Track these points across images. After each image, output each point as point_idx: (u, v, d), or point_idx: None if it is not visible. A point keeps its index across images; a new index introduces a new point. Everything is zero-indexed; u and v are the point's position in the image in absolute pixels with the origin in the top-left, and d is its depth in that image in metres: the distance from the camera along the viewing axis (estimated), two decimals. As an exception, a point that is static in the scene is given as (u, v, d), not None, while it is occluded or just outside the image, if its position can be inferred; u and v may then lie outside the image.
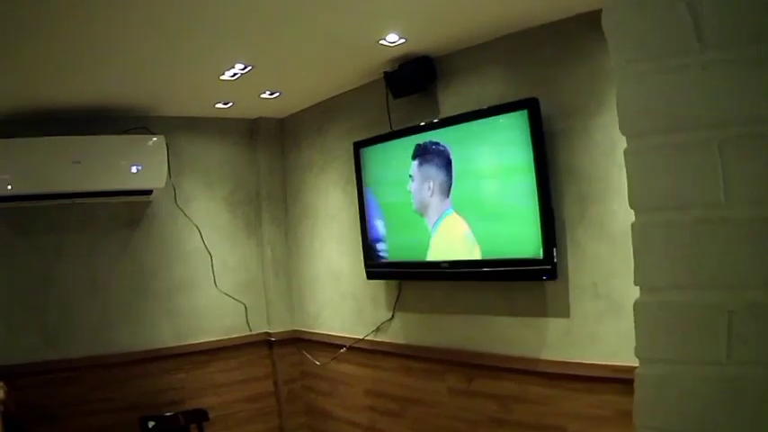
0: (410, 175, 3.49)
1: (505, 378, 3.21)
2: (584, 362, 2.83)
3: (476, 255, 3.14)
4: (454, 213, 3.27)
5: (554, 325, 2.99)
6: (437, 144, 3.31)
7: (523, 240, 2.96)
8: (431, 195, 3.39)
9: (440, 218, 3.37)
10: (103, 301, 4.31)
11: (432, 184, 3.40)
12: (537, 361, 3.04)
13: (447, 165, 3.28)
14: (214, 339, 4.52)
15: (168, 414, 3.94)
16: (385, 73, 3.57)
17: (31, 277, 4.21)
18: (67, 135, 4.09)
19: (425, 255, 3.45)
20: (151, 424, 3.86)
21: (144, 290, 4.40)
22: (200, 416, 3.98)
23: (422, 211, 3.45)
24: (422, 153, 3.41)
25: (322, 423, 4.62)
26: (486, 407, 3.32)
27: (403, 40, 3.19)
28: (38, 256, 4.21)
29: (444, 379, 3.58)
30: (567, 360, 2.91)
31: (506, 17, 2.99)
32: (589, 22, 2.70)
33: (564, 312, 2.94)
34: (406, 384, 3.88)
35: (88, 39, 2.90)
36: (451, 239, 3.32)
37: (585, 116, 2.81)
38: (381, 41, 3.20)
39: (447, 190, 3.31)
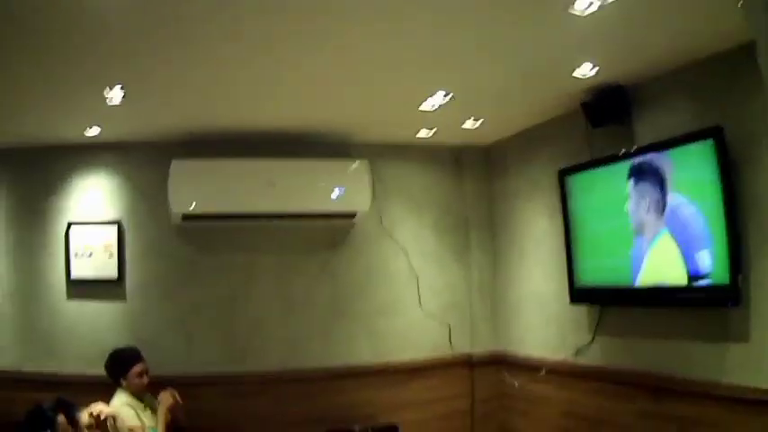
0: (626, 195, 3.86)
1: (686, 401, 3.53)
2: (761, 387, 3.11)
3: (682, 279, 3.49)
4: (666, 234, 3.62)
5: (734, 349, 3.29)
6: (650, 163, 3.70)
7: (712, 266, 3.34)
8: (647, 212, 3.74)
9: (654, 237, 3.70)
10: (299, 319, 5.02)
11: (648, 201, 3.73)
12: (717, 385, 3.34)
13: (661, 183, 3.65)
14: (415, 358, 5.11)
15: (357, 428, 4.50)
16: (582, 104, 4.00)
17: (218, 294, 4.97)
18: (263, 158, 4.77)
19: (631, 279, 3.83)
20: None
21: (344, 310, 5.07)
22: (390, 431, 4.50)
23: (639, 230, 3.80)
24: (637, 172, 3.79)
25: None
26: (667, 429, 3.65)
27: (595, 70, 3.57)
28: (227, 274, 4.98)
29: (634, 401, 3.89)
30: (746, 385, 3.18)
31: (694, 44, 3.26)
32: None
33: (744, 337, 3.25)
34: (599, 406, 4.20)
35: (288, 64, 3.43)
36: (662, 262, 3.65)
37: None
38: (575, 74, 3.60)
39: (662, 208, 3.65)
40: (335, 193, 4.80)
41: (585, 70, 3.61)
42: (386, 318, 5.16)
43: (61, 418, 3.33)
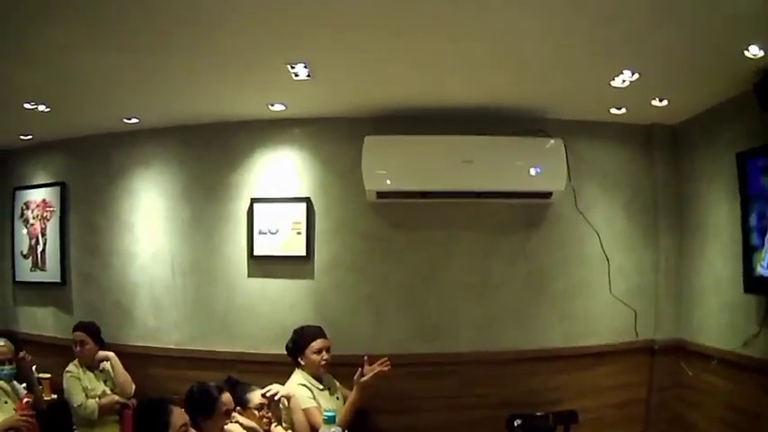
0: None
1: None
2: None
3: None
4: None
5: None
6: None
7: None
8: None
9: None
10: (493, 299, 4.96)
11: None
12: None
13: None
14: (602, 343, 5.05)
15: (539, 414, 4.40)
16: (754, 85, 3.93)
17: (409, 272, 4.94)
18: (455, 135, 4.69)
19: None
20: (518, 422, 4.32)
21: (539, 291, 4.99)
22: (570, 417, 4.40)
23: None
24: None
25: (682, 433, 4.84)
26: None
27: (762, 53, 3.54)
28: (421, 252, 4.95)
29: None
30: None
31: None
32: None
33: None
34: (758, 401, 4.16)
35: (485, 36, 3.46)
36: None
37: None
38: (744, 52, 3.55)
39: None
40: (533, 172, 4.73)
41: (755, 51, 3.58)
42: (577, 301, 5.08)
43: (226, 397, 3.39)
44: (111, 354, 4.75)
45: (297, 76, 3.96)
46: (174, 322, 5.25)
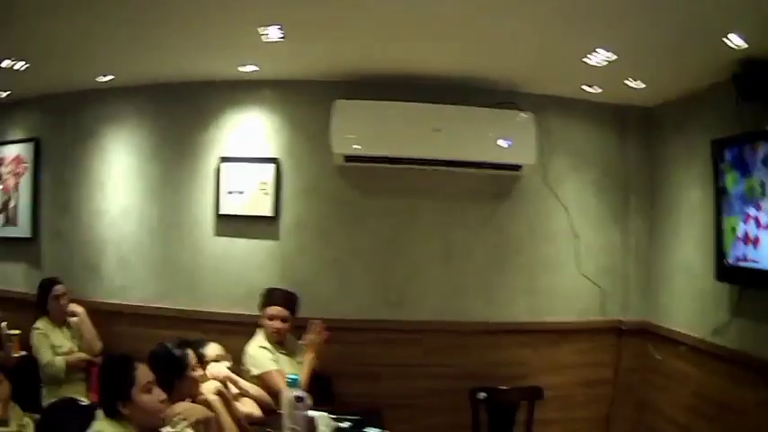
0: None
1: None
2: None
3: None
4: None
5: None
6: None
7: None
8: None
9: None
10: (458, 269, 5.00)
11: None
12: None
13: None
14: (568, 321, 5.09)
15: (502, 388, 4.42)
16: (733, 75, 3.94)
17: (377, 239, 4.98)
18: (430, 103, 4.70)
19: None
20: (482, 395, 4.34)
21: (505, 263, 5.02)
22: (535, 394, 4.42)
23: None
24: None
25: (648, 417, 5.01)
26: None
27: (744, 45, 3.56)
28: (387, 219, 4.99)
29: (757, 391, 3.87)
30: None
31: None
32: None
33: None
34: (724, 389, 4.19)
35: (454, 10, 3.49)
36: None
37: None
38: (724, 39, 3.54)
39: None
40: (503, 144, 4.76)
41: (737, 40, 3.59)
42: (544, 276, 5.12)
43: (190, 352, 3.35)
44: (80, 309, 4.77)
45: (268, 36, 3.98)
46: (140, 280, 5.29)
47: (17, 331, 5.12)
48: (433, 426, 4.88)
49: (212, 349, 3.86)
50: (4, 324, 4.74)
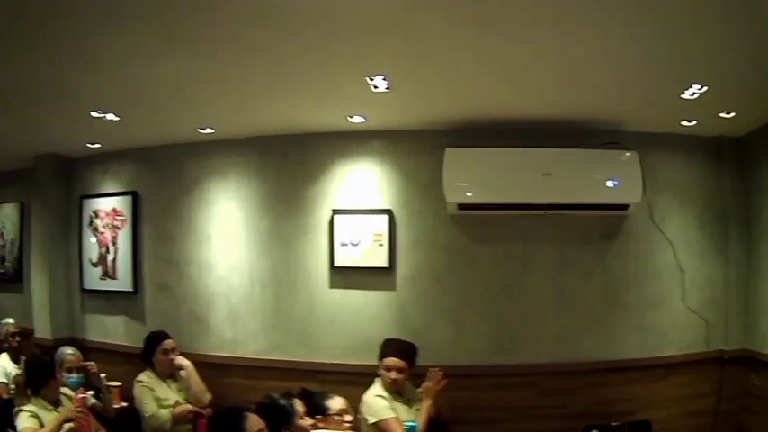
0: None
1: None
2: None
3: None
4: None
5: None
6: None
7: None
8: None
9: None
10: (570, 311, 5.10)
11: None
12: None
13: None
14: (674, 354, 5.18)
15: (614, 424, 4.45)
16: None
17: (490, 285, 5.08)
18: (533, 147, 4.80)
19: None
20: None
21: (614, 302, 5.11)
22: (644, 428, 4.47)
23: None
24: None
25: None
26: None
27: None
28: (500, 264, 5.08)
29: None
30: None
31: None
32: None
33: None
34: None
35: (565, 51, 3.61)
36: None
37: None
38: None
39: None
40: (610, 184, 4.85)
41: None
42: (652, 312, 5.21)
43: (297, 402, 3.47)
44: (187, 362, 4.83)
45: (375, 88, 4.09)
46: (251, 332, 5.40)
47: (117, 383, 5.18)
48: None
49: (336, 402, 3.92)
50: (103, 375, 4.79)
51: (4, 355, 5.55)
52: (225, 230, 5.50)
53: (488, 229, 5.11)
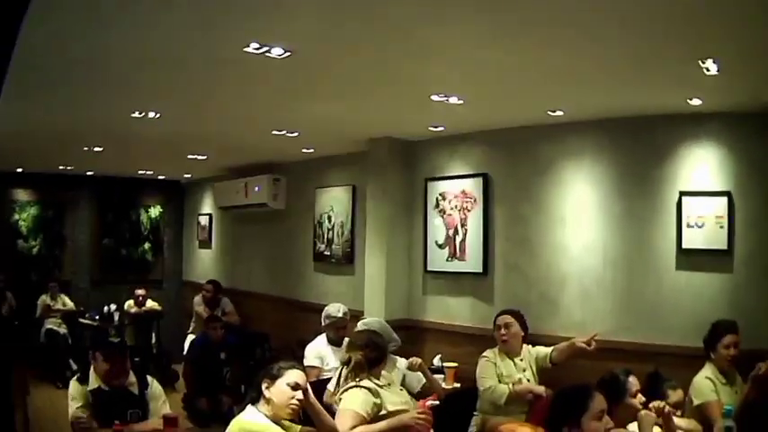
0: None
1: None
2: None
3: None
4: None
5: None
6: None
7: None
8: None
9: None
10: None
11: None
12: None
13: None
14: None
15: None
16: None
17: None
18: None
19: None
20: None
21: None
22: None
23: None
24: None
25: None
26: None
27: None
28: None
29: None
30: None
31: None
32: None
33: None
34: None
35: None
36: None
37: None
38: None
39: None
40: None
41: None
42: None
43: (632, 378, 4.27)
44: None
45: (708, 71, 5.29)
46: (600, 313, 7.26)
47: (454, 363, 6.97)
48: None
49: (675, 394, 4.90)
50: (438, 356, 6.80)
51: (322, 337, 6.84)
52: (578, 212, 7.57)
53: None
